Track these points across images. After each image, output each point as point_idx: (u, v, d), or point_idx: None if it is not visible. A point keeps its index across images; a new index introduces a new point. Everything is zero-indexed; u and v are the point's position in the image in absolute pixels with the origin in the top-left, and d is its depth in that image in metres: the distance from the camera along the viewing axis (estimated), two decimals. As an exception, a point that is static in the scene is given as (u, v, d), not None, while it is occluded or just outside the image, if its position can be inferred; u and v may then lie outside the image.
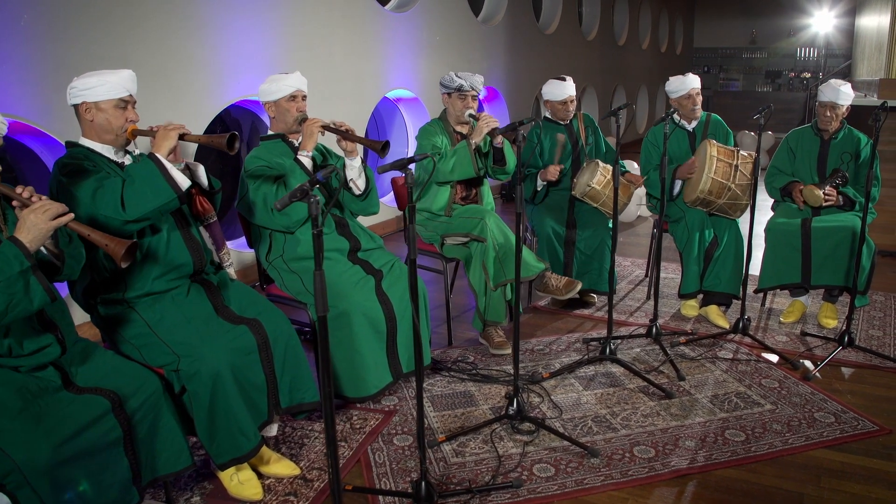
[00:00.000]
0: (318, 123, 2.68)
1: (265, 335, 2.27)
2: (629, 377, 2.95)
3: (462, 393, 2.87)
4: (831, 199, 3.40)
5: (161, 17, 3.65)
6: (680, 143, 3.78)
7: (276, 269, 2.79)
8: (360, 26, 5.11)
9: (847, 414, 2.65)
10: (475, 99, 3.31)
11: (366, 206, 2.91)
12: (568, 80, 3.74)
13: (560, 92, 3.72)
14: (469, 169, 3.20)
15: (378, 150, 2.60)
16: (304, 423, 2.67)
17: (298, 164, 2.66)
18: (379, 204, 2.99)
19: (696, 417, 2.63)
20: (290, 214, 2.63)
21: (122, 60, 3.46)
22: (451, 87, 3.28)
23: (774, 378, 2.96)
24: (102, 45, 3.39)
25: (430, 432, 2.57)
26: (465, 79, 3.26)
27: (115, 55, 3.44)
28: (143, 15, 3.56)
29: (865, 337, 3.39)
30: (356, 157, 2.80)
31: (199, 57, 3.89)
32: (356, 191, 2.86)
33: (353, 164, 2.81)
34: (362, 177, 2.85)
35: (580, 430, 2.56)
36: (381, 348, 2.71)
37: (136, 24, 3.53)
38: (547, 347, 3.31)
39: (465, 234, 3.22)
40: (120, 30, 3.46)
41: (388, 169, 1.93)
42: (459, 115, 3.30)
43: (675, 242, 3.71)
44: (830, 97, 3.47)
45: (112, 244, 1.88)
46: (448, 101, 3.34)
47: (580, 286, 3.26)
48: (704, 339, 3.35)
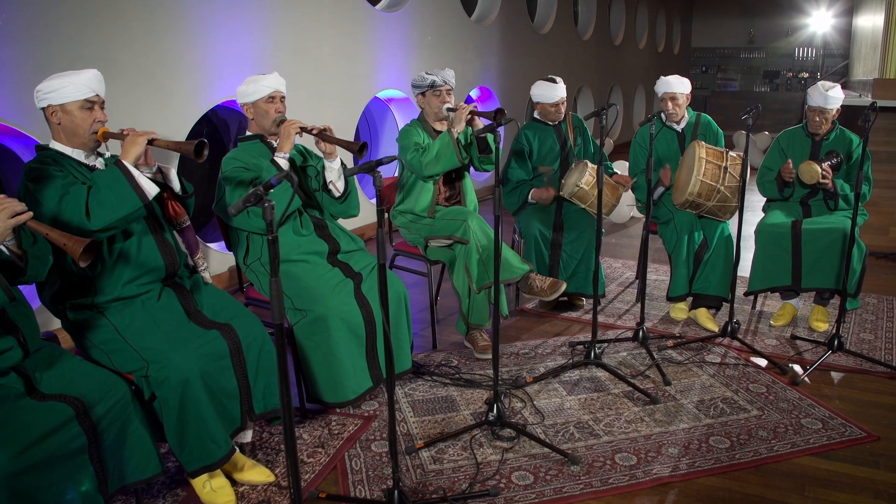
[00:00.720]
0: (295, 125, 2.65)
1: (237, 340, 2.23)
2: (614, 382, 2.90)
3: (444, 398, 2.82)
4: (827, 178, 3.34)
5: (145, 16, 3.61)
6: (669, 143, 3.73)
7: (254, 272, 2.75)
8: (350, 26, 5.06)
9: (835, 420, 2.60)
10: (450, 93, 3.26)
11: (345, 209, 2.87)
12: (559, 82, 3.69)
13: (551, 94, 3.67)
14: (453, 158, 3.13)
15: (355, 152, 2.57)
16: (283, 428, 2.62)
17: (275, 166, 2.62)
18: (359, 207, 2.94)
19: (681, 424, 2.58)
20: None
21: (107, 61, 3.42)
22: (423, 86, 3.23)
23: (762, 383, 2.91)
24: (86, 46, 3.34)
25: (408, 438, 2.53)
26: (437, 74, 3.22)
27: (98, 56, 3.39)
28: (127, 15, 3.52)
29: (856, 341, 3.34)
30: (335, 159, 2.76)
31: (184, 57, 3.84)
32: (335, 193, 2.82)
33: (333, 166, 2.77)
34: (342, 179, 2.81)
35: (562, 436, 2.51)
36: (361, 353, 2.66)
37: (120, 24, 3.49)
38: (532, 351, 3.26)
39: (448, 237, 3.17)
40: (104, 30, 3.42)
41: (355, 172, 1.89)
42: (437, 111, 3.25)
43: (664, 244, 3.66)
44: (819, 102, 3.43)
45: (70, 242, 1.83)
46: (423, 101, 3.28)
47: (565, 287, 3.21)
48: (693, 342, 3.30)
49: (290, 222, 2.73)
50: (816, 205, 3.55)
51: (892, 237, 4.76)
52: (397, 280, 2.78)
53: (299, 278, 2.64)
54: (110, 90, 3.52)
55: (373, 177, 1.84)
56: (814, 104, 3.46)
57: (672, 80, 3.62)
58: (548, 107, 3.71)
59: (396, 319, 2.74)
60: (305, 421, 2.67)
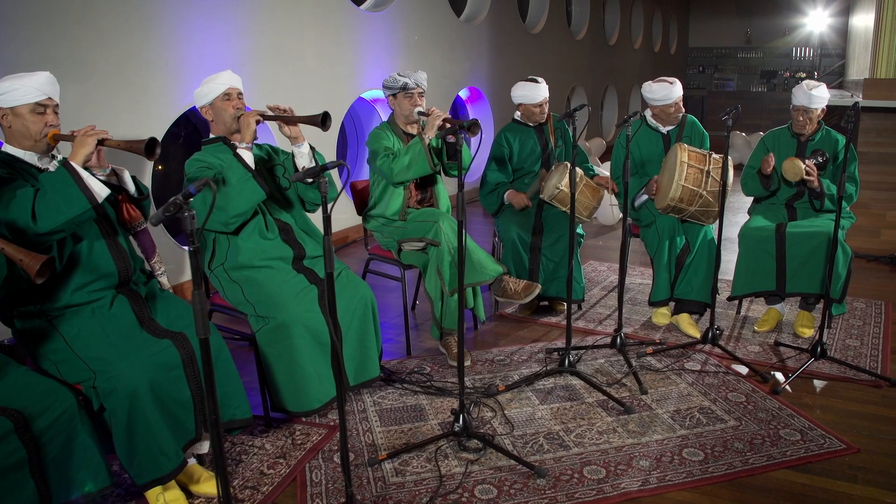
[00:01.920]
0: (254, 114, 2.58)
1: (191, 349, 2.16)
2: (589, 390, 2.82)
3: (413, 407, 2.74)
4: (811, 176, 3.26)
5: (118, 16, 3.53)
6: (653, 145, 3.65)
7: (217, 277, 2.67)
8: (332, 25, 4.99)
9: (814, 431, 2.51)
10: (422, 96, 3.19)
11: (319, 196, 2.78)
12: (541, 83, 3.61)
13: (534, 95, 3.59)
14: (425, 165, 3.07)
15: (319, 124, 2.48)
16: (245, 437, 2.55)
17: (237, 159, 2.53)
18: (335, 188, 2.85)
19: (654, 435, 2.50)
20: (226, 208, 2.50)
21: (78, 62, 3.35)
22: (395, 88, 3.15)
23: (742, 392, 2.82)
24: (56, 47, 3.27)
25: (372, 449, 2.45)
26: (409, 76, 3.14)
27: (67, 55, 3.32)
28: (99, 14, 3.44)
29: (842, 347, 3.26)
30: (303, 143, 2.68)
31: (158, 58, 3.77)
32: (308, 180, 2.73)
33: (302, 151, 2.68)
34: (313, 162, 2.72)
35: (530, 447, 2.43)
36: (326, 361, 2.58)
37: (91, 24, 3.41)
38: (508, 358, 3.18)
39: (420, 239, 3.10)
40: (72, 29, 3.34)
41: (300, 178, 1.81)
42: (408, 114, 3.18)
43: (646, 248, 3.59)
44: (802, 101, 3.35)
45: (27, 259, 1.78)
46: (395, 103, 3.21)
47: (539, 289, 3.13)
48: (673, 349, 3.21)
49: (255, 225, 2.65)
50: (802, 207, 3.47)
51: (884, 239, 4.68)
52: (364, 286, 2.70)
53: (262, 284, 2.56)
54: (80, 91, 3.47)
55: (318, 183, 1.76)
56: (797, 103, 3.39)
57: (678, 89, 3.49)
58: (531, 107, 3.63)
59: (363, 326, 2.67)
60: (270, 430, 2.60)
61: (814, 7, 12.62)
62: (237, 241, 2.63)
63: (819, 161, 3.32)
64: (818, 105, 3.33)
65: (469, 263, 3.03)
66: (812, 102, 3.32)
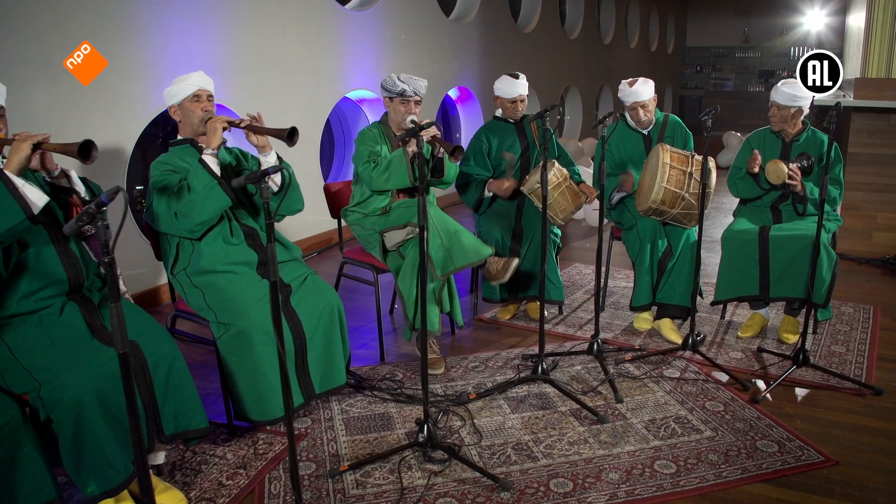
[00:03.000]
0: (221, 119, 2.51)
1: (143, 359, 2.08)
2: (563, 398, 2.74)
3: (381, 415, 2.66)
4: (794, 180, 3.18)
5: (90, 16, 3.46)
6: (634, 146, 3.57)
7: (179, 283, 2.60)
8: (315, 24, 4.91)
9: (793, 442, 2.43)
10: (418, 104, 3.11)
11: (287, 204, 2.72)
12: (520, 79, 3.54)
13: (510, 90, 3.52)
14: (404, 178, 3.00)
15: (284, 139, 2.41)
16: (207, 446, 2.48)
17: (202, 165, 2.47)
18: (303, 200, 2.78)
19: (627, 446, 2.42)
20: (191, 216, 2.44)
21: (48, 62, 3.28)
22: (393, 92, 3.07)
23: (720, 400, 2.74)
24: (26, 47, 3.20)
25: (335, 459, 2.38)
26: (408, 83, 3.05)
27: (39, 57, 3.25)
28: (69, 14, 3.37)
29: (827, 353, 3.17)
30: (270, 153, 2.61)
31: (132, 59, 3.69)
32: (273, 188, 2.67)
33: (269, 160, 2.62)
34: (279, 173, 2.66)
35: (497, 458, 2.35)
36: (290, 368, 2.51)
37: (62, 25, 3.34)
38: (483, 364, 3.10)
39: (404, 225, 3.00)
40: (43, 30, 3.27)
41: (242, 183, 1.74)
42: (401, 120, 3.10)
43: (628, 251, 3.51)
44: (774, 97, 3.31)
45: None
46: (390, 106, 3.14)
47: (517, 262, 3.06)
48: (653, 355, 3.13)
49: (220, 230, 2.59)
50: (787, 210, 3.38)
51: (875, 242, 4.59)
52: (330, 291, 2.63)
53: (223, 290, 2.49)
54: (50, 93, 3.40)
55: (259, 189, 1.69)
56: (771, 99, 3.34)
57: (639, 89, 3.42)
58: (506, 102, 3.55)
59: (329, 333, 2.60)
60: (233, 439, 2.53)
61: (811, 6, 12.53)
62: (200, 246, 2.56)
63: (804, 165, 3.24)
64: (791, 103, 3.24)
65: (459, 245, 2.92)
66: (785, 99, 3.24)
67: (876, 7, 4.24)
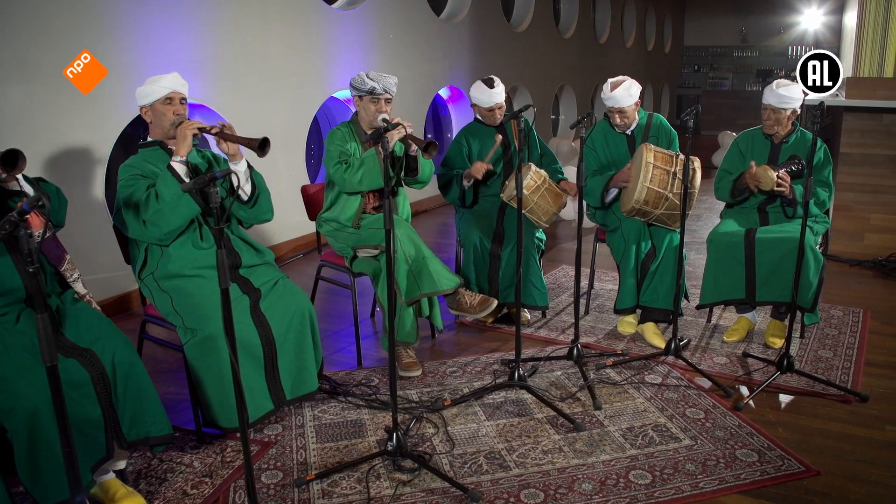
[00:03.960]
0: (192, 125, 2.46)
1: (100, 366, 2.03)
2: (540, 405, 2.68)
3: (353, 422, 2.60)
4: (783, 186, 3.11)
5: (64, 14, 3.39)
6: (618, 146, 3.51)
7: (147, 287, 2.55)
8: (300, 24, 4.85)
9: (773, 451, 2.37)
10: (389, 102, 3.05)
11: (256, 214, 2.66)
12: (496, 87, 3.41)
13: (486, 99, 3.42)
14: (378, 179, 2.95)
15: (255, 149, 2.36)
16: (175, 454, 2.43)
17: (171, 172, 2.42)
18: (272, 211, 2.73)
19: (602, 455, 2.35)
20: (160, 225, 2.40)
21: (22, 62, 3.22)
22: (362, 90, 3.02)
23: (701, 407, 2.68)
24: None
25: (303, 468, 2.32)
26: (378, 81, 3.00)
27: (13, 56, 3.19)
28: (46, 13, 3.31)
29: (813, 359, 3.11)
30: (240, 162, 2.57)
31: (110, 58, 3.62)
32: (243, 196, 2.62)
33: (239, 169, 2.58)
34: (249, 182, 2.61)
35: (468, 468, 2.29)
36: (260, 374, 2.46)
37: (37, 23, 3.28)
38: (461, 369, 3.04)
39: (376, 246, 2.97)
40: (19, 30, 3.21)
41: (191, 188, 1.68)
42: (372, 119, 3.04)
43: (612, 253, 3.45)
44: (770, 100, 3.21)
45: None
46: (360, 104, 3.08)
47: (495, 304, 3.00)
48: (635, 360, 3.07)
49: (189, 234, 2.53)
50: (774, 212, 3.32)
51: (868, 244, 4.52)
52: (302, 296, 2.57)
53: (191, 295, 2.43)
54: (24, 93, 3.34)
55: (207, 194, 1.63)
56: (766, 102, 3.24)
57: (619, 95, 3.29)
58: (483, 111, 3.48)
59: (300, 338, 2.54)
60: (201, 446, 2.47)
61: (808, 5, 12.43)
62: (169, 251, 2.51)
63: (793, 169, 3.16)
64: (787, 105, 3.17)
65: (426, 272, 2.91)
66: (780, 102, 3.17)
67: (867, 4, 4.17)
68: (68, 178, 3.47)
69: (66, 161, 3.47)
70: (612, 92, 3.29)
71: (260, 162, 4.65)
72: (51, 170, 3.40)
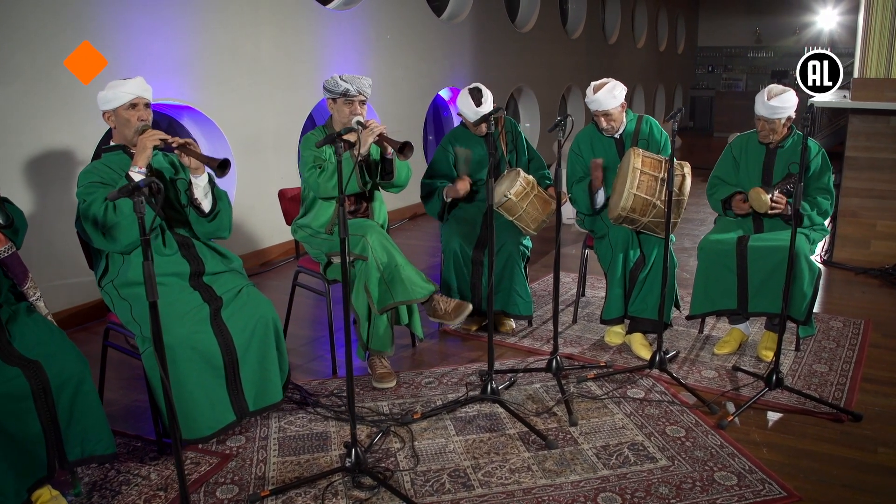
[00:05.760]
0: (154, 136, 2.39)
1: (45, 380, 1.97)
2: (514, 420, 2.58)
3: (318, 435, 2.52)
4: (779, 207, 2.98)
5: (46, 16, 3.36)
6: (606, 150, 3.38)
7: (108, 294, 2.49)
8: (292, 24, 4.79)
9: (754, 474, 2.24)
10: (363, 104, 2.96)
11: (214, 229, 2.60)
12: (483, 102, 3.27)
13: (472, 114, 3.28)
14: (353, 185, 2.87)
15: (214, 169, 2.30)
16: (133, 465, 2.37)
17: (128, 180, 2.36)
18: (230, 228, 2.67)
19: (572, 475, 2.24)
20: (119, 238, 2.36)
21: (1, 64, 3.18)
22: (336, 92, 2.93)
23: (683, 425, 2.55)
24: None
25: (260, 483, 2.24)
26: (351, 82, 2.91)
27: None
28: (24, 13, 3.28)
29: (807, 373, 2.96)
30: (201, 176, 2.51)
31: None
32: (204, 209, 2.55)
33: (199, 183, 2.52)
34: (209, 197, 2.54)
35: (430, 486, 2.20)
36: (221, 384, 2.38)
37: (14, 23, 3.25)
38: (437, 380, 2.94)
39: (348, 253, 2.88)
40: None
41: (115, 197, 1.62)
42: (346, 121, 2.96)
43: (599, 261, 3.33)
44: (762, 112, 3.07)
45: None
46: (333, 107, 3.00)
47: (469, 309, 2.90)
48: (618, 373, 2.95)
49: (151, 241, 2.46)
50: (770, 219, 3.17)
51: (873, 251, 4.34)
52: (266, 304, 2.50)
53: (149, 302, 2.36)
54: (3, 95, 3.31)
55: (133, 202, 1.56)
56: (758, 113, 3.10)
57: (602, 98, 3.14)
58: (469, 124, 3.37)
59: (263, 347, 2.46)
60: (161, 458, 2.41)
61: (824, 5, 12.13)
62: (130, 258, 2.45)
63: (789, 189, 3.01)
64: (780, 115, 3.03)
65: (398, 280, 2.82)
66: (773, 113, 3.02)
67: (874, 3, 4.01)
68: (48, 179, 3.44)
69: (46, 163, 3.43)
70: (594, 95, 3.17)
71: (252, 164, 4.62)
72: (31, 171, 3.37)
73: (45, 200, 3.44)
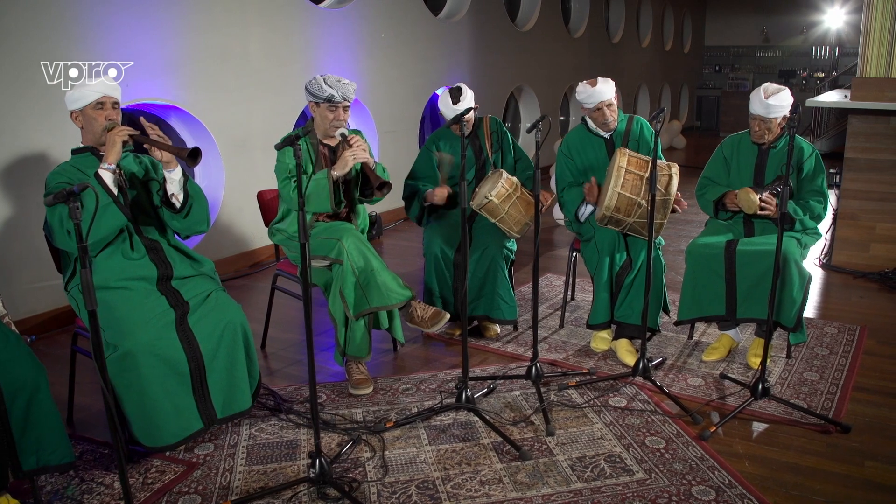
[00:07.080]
0: (123, 132, 2.35)
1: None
2: (488, 430, 2.51)
3: (288, 443, 2.46)
4: (768, 209, 2.89)
5: (24, 12, 3.33)
6: (596, 151, 3.31)
7: (74, 299, 2.45)
8: (282, 23, 4.74)
9: (734, 489, 2.16)
10: (347, 110, 2.90)
11: (189, 224, 2.55)
12: (462, 100, 3.19)
13: (450, 113, 3.20)
14: (325, 203, 2.78)
15: (185, 159, 2.26)
16: (98, 472, 2.32)
17: (98, 180, 2.31)
18: (208, 222, 2.62)
19: (544, 488, 2.17)
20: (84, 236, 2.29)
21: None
22: (319, 97, 2.85)
23: (664, 436, 2.47)
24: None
25: (224, 493, 2.19)
26: (337, 88, 2.83)
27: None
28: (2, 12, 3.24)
29: (797, 381, 2.87)
30: (175, 170, 2.47)
31: (73, 57, 3.55)
32: (176, 205, 2.50)
33: (173, 178, 2.48)
34: (182, 191, 2.50)
35: (397, 498, 2.13)
36: (187, 391, 2.34)
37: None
38: (415, 386, 2.88)
39: (324, 257, 2.83)
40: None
41: (50, 203, 1.57)
42: (328, 128, 2.89)
43: (586, 264, 3.25)
44: (758, 111, 2.97)
45: None
46: (316, 111, 2.91)
47: (447, 318, 2.83)
48: (601, 381, 2.87)
49: (118, 245, 2.43)
50: (760, 222, 3.09)
51: (873, 254, 4.23)
52: (234, 309, 2.45)
53: (113, 308, 2.32)
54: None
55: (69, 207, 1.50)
56: (754, 112, 3.00)
57: (602, 88, 3.12)
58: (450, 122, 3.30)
59: (231, 354, 2.41)
60: (127, 465, 2.35)
61: (831, 4, 11.94)
62: (96, 261, 2.41)
63: (779, 191, 2.92)
64: (776, 114, 2.94)
65: (374, 285, 2.76)
66: (770, 112, 2.93)
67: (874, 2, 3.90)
68: (26, 180, 3.40)
69: (24, 163, 3.40)
70: (594, 87, 3.11)
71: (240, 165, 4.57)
72: (9, 173, 3.34)
73: (22, 201, 3.41)
